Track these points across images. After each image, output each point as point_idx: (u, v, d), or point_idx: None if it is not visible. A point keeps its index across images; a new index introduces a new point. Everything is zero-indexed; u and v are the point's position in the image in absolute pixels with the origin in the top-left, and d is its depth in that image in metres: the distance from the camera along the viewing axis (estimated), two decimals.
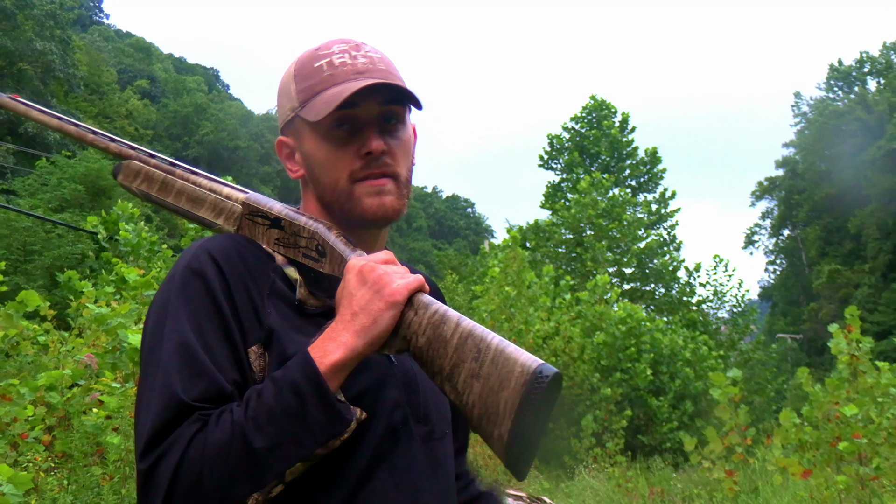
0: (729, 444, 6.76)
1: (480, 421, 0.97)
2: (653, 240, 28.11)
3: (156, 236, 10.74)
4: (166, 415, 0.99)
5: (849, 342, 6.46)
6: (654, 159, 32.12)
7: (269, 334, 1.06)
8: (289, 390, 0.98)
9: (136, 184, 1.21)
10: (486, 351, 0.98)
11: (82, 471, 4.02)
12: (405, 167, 1.17)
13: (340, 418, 0.99)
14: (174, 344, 1.03)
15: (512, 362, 0.96)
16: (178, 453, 0.96)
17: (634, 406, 17.53)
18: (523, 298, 16.53)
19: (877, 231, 41.00)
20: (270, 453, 0.96)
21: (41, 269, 19.04)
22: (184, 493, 0.96)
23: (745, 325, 26.38)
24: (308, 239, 1.12)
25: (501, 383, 0.96)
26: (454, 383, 0.99)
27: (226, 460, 0.96)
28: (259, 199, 1.16)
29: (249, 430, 0.96)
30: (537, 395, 0.94)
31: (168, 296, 1.07)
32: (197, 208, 1.18)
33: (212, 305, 1.05)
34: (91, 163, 25.05)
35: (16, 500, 3.12)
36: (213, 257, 1.08)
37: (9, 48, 34.04)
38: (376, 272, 1.03)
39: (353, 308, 1.02)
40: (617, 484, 13.19)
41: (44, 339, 5.95)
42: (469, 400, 0.98)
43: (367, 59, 1.15)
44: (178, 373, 1.00)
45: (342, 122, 1.13)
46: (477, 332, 1.00)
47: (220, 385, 1.01)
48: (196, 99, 51.49)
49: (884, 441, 5.64)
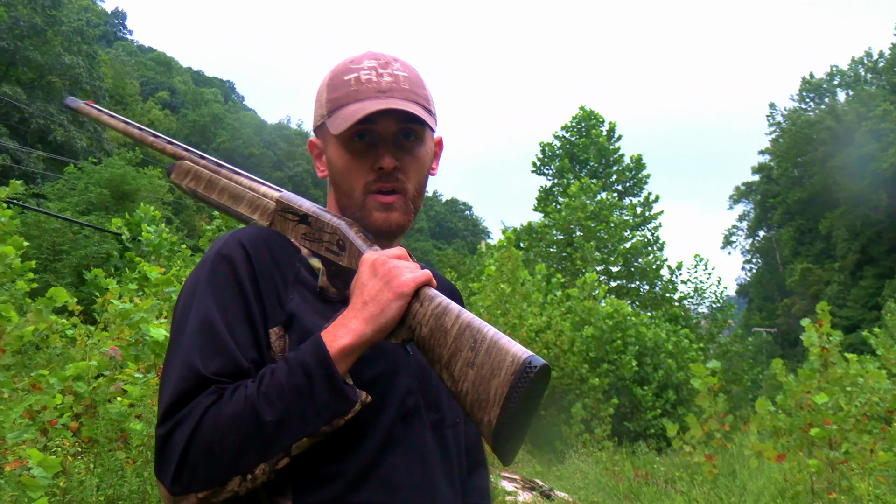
0: (708, 430, 6.77)
1: (472, 407, 0.97)
2: (638, 240, 28.13)
3: (176, 237, 10.74)
4: (185, 385, 1.00)
5: (820, 335, 6.46)
6: (639, 165, 32.14)
7: (290, 318, 1.07)
8: (299, 370, 0.99)
9: (186, 181, 1.23)
10: (481, 341, 0.98)
11: (107, 455, 4.02)
12: (415, 182, 1.17)
13: (345, 399, 0.99)
14: (198, 321, 1.04)
15: (504, 353, 0.96)
16: (194, 422, 0.97)
17: (620, 395, 17.54)
18: (517, 295, 16.53)
19: (846, 232, 41.04)
20: (278, 427, 0.97)
21: (69, 268, 19.03)
22: (196, 460, 0.97)
23: (724, 320, 26.38)
24: (331, 234, 1.13)
25: (493, 372, 0.96)
26: (451, 371, 0.99)
27: (237, 431, 0.97)
28: (290, 198, 1.18)
29: (260, 405, 0.97)
30: (525, 384, 0.94)
31: (199, 278, 1.09)
32: (236, 204, 1.20)
33: (237, 288, 1.06)
34: (115, 169, 25.06)
35: (45, 482, 3.12)
36: (243, 245, 1.10)
37: (39, 62, 34.05)
38: (387, 265, 1.04)
39: (363, 297, 1.02)
40: (604, 467, 13.19)
41: (71, 333, 5.96)
42: (463, 387, 0.98)
43: (392, 78, 1.15)
44: (200, 348, 1.02)
45: (362, 135, 1.14)
46: (475, 323, 1.00)
47: (238, 361, 1.02)
48: (213, 109, 51.50)
49: (852, 427, 5.65)
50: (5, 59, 33.71)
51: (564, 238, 26.82)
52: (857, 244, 40.32)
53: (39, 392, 4.01)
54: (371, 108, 1.09)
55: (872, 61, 46.30)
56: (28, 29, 33.46)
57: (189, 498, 0.98)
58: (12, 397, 3.92)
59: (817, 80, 48.24)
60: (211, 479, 0.97)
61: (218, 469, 0.97)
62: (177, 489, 0.97)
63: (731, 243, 51.43)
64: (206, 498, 0.98)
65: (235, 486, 0.98)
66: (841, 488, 5.06)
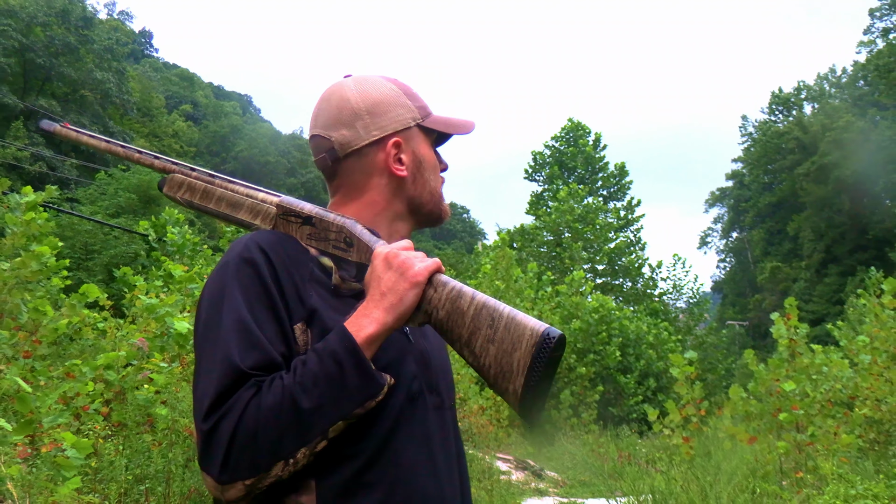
0: (686, 414, 6.77)
1: (497, 379, 0.98)
2: (621, 241, 28.12)
3: (198, 238, 10.74)
4: (226, 381, 0.99)
5: (788, 328, 6.46)
6: (623, 172, 32.11)
7: (312, 313, 1.07)
8: (330, 359, 0.99)
9: (181, 194, 1.21)
10: (499, 319, 0.99)
11: (135, 438, 4.02)
12: None
13: (375, 382, 1.00)
14: (232, 321, 1.03)
15: (522, 327, 0.98)
16: (237, 414, 0.97)
17: (605, 383, 17.55)
18: (511, 291, 16.53)
19: (811, 234, 41.07)
20: (316, 413, 0.97)
21: (100, 266, 19.02)
22: (241, 449, 0.96)
23: (700, 314, 26.39)
24: (337, 232, 1.12)
25: (514, 345, 0.97)
26: (472, 348, 1.00)
27: (277, 420, 0.97)
28: (291, 201, 1.16)
29: (297, 394, 0.97)
30: (545, 353, 0.96)
31: (224, 281, 1.07)
32: (236, 211, 1.18)
33: (262, 289, 1.06)
34: (143, 175, 25.01)
35: (78, 462, 3.12)
36: (262, 248, 1.09)
37: (73, 78, 34.03)
38: (399, 258, 1.04)
39: (381, 289, 1.03)
40: (591, 449, 13.21)
41: (102, 326, 5.95)
42: (486, 362, 0.99)
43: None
44: (237, 346, 1.01)
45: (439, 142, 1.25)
46: (490, 303, 1.01)
47: (271, 356, 1.02)
48: (232, 121, 51.42)
49: (817, 412, 5.65)
50: (41, 74, 33.69)
51: (554, 239, 26.83)
52: (821, 244, 40.35)
53: (73, 380, 4.01)
54: (471, 125, 1.23)
55: (836, 77, 46.34)
56: (62, 47, 33.47)
57: (236, 486, 0.97)
58: (48, 385, 3.92)
59: (786, 94, 48.24)
60: (256, 466, 0.97)
61: (262, 456, 0.97)
62: (225, 478, 0.97)
63: (706, 244, 51.45)
64: (253, 484, 0.98)
65: (279, 471, 0.98)
66: (807, 468, 5.06)
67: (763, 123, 48.42)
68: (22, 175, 26.03)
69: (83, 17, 35.41)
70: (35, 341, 4.31)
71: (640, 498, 6.20)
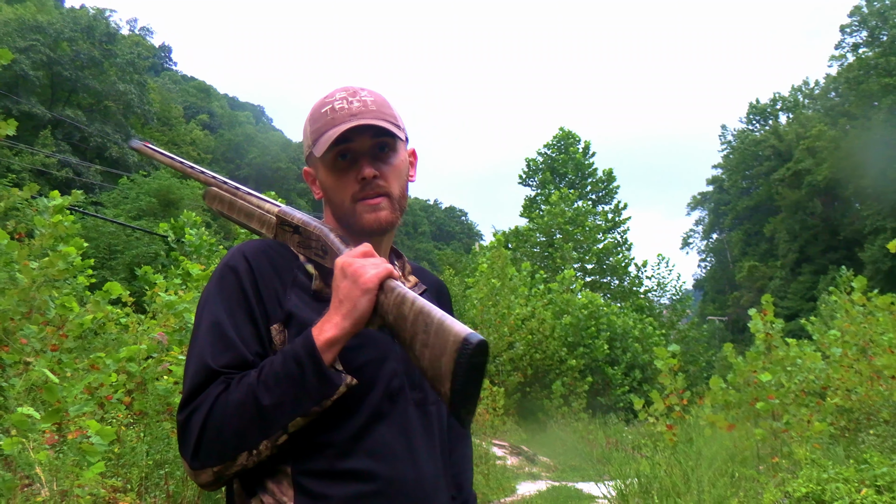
0: (669, 404, 6.77)
1: (433, 382, 0.97)
2: (609, 242, 28.12)
3: (214, 239, 10.73)
4: (199, 378, 1.03)
5: (764, 323, 6.46)
6: (610, 178, 32.10)
7: (289, 316, 1.08)
8: (292, 360, 1.00)
9: (215, 204, 1.26)
10: (431, 324, 0.96)
11: (155, 425, 4.01)
12: (398, 186, 1.17)
13: (331, 383, 1.00)
14: (208, 323, 1.06)
15: (448, 332, 0.94)
16: (207, 408, 1.00)
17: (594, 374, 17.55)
18: (506, 288, 16.52)
19: (786, 235, 41.07)
20: (275, 409, 0.99)
21: (123, 265, 19.02)
22: (210, 440, 1.00)
23: (682, 310, 26.40)
24: (316, 240, 1.13)
25: (442, 350, 0.94)
26: (414, 351, 0.99)
27: (241, 415, 0.99)
28: (286, 211, 1.18)
29: (260, 391, 0.99)
30: (464, 359, 0.92)
31: (210, 286, 1.11)
32: (249, 221, 1.21)
33: (240, 293, 1.08)
34: (163, 180, 25.03)
35: (102, 448, 3.12)
36: (246, 256, 1.11)
37: (97, 89, 34.00)
38: (353, 266, 1.02)
39: (339, 296, 1.03)
40: (580, 436, 13.21)
41: (125, 321, 5.94)
42: (424, 364, 0.97)
43: (361, 103, 1.15)
44: (211, 346, 1.04)
45: (343, 154, 1.14)
46: (425, 308, 0.98)
47: (243, 356, 1.04)
48: (246, 130, 51.41)
49: (792, 401, 5.65)
50: (68, 86, 33.66)
51: (546, 240, 26.83)
52: (796, 245, 40.36)
53: (97, 371, 4.01)
54: (345, 127, 1.10)
55: (809, 89, 46.34)
56: (87, 61, 33.44)
57: (206, 471, 1.01)
58: (74, 376, 3.91)
59: (762, 105, 48.25)
60: (223, 455, 1.00)
61: (228, 447, 0.99)
62: (196, 464, 1.01)
63: (688, 244, 51.48)
64: (220, 471, 1.01)
65: (244, 461, 1.01)
66: (782, 454, 5.06)
67: (741, 132, 48.42)
68: (50, 180, 25.99)
69: (107, 32, 35.39)
70: (62, 335, 4.31)
71: (626, 482, 6.19)
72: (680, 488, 4.87)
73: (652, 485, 5.44)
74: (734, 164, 47.33)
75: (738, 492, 4.53)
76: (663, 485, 5.20)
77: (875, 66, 35.20)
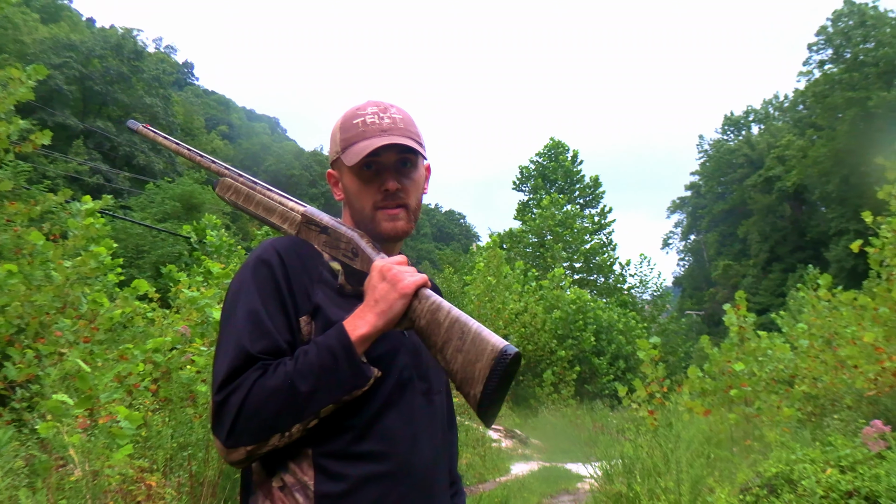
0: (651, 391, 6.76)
1: (462, 384, 0.98)
2: (595, 242, 28.11)
3: (233, 240, 10.70)
4: (237, 362, 1.01)
5: (738, 317, 6.45)
6: (596, 184, 32.08)
7: (316, 309, 1.08)
8: (327, 352, 1.00)
9: (228, 194, 1.23)
10: (467, 333, 0.99)
11: (179, 411, 4.01)
12: (415, 199, 1.18)
13: (363, 375, 1.01)
14: (246, 312, 1.05)
15: (485, 342, 0.97)
16: (245, 391, 0.99)
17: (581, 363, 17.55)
18: (501, 285, 16.52)
19: (758, 236, 41.07)
20: (310, 397, 0.99)
21: (149, 264, 19.02)
22: (246, 420, 0.98)
23: (663, 305, 26.42)
24: (346, 243, 1.13)
25: (477, 357, 0.96)
26: (444, 354, 1.00)
27: (277, 400, 0.98)
28: (313, 212, 1.17)
29: (297, 379, 0.99)
30: (501, 367, 0.95)
31: (244, 277, 1.09)
32: (269, 215, 1.19)
33: (273, 285, 1.07)
34: (186, 186, 25.04)
35: (130, 431, 3.12)
36: (278, 251, 1.10)
37: (125, 103, 33.99)
38: (392, 271, 1.04)
39: (375, 296, 1.03)
40: (569, 420, 13.21)
41: (151, 315, 5.93)
42: (454, 368, 0.99)
43: (391, 120, 1.15)
44: (248, 332, 1.03)
45: (369, 165, 1.14)
46: (462, 318, 1.00)
47: (277, 343, 1.03)
48: (262, 140, 51.42)
49: (763, 389, 5.64)
50: (98, 99, 33.65)
51: (538, 241, 26.82)
52: (766, 245, 40.36)
53: (126, 361, 4.01)
54: (377, 144, 1.10)
55: (779, 102, 46.34)
56: (117, 76, 33.44)
57: (239, 450, 1.00)
58: (105, 366, 3.91)
59: (736, 117, 48.26)
60: (257, 435, 0.99)
61: (263, 429, 0.99)
62: (230, 443, 0.99)
63: (668, 245, 51.49)
64: (253, 450, 1.00)
65: (276, 441, 1.00)
66: (754, 437, 5.06)
67: (717, 142, 48.42)
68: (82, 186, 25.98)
69: (134, 50, 35.38)
70: (93, 328, 4.30)
71: (611, 462, 6.20)
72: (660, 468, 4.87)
73: (635, 465, 5.44)
74: (710, 171, 47.32)
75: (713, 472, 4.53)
76: (645, 465, 5.20)
77: (839, 82, 35.21)
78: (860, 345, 4.85)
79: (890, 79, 33.74)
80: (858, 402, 4.55)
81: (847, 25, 35.79)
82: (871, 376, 4.43)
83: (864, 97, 33.19)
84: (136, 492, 3.09)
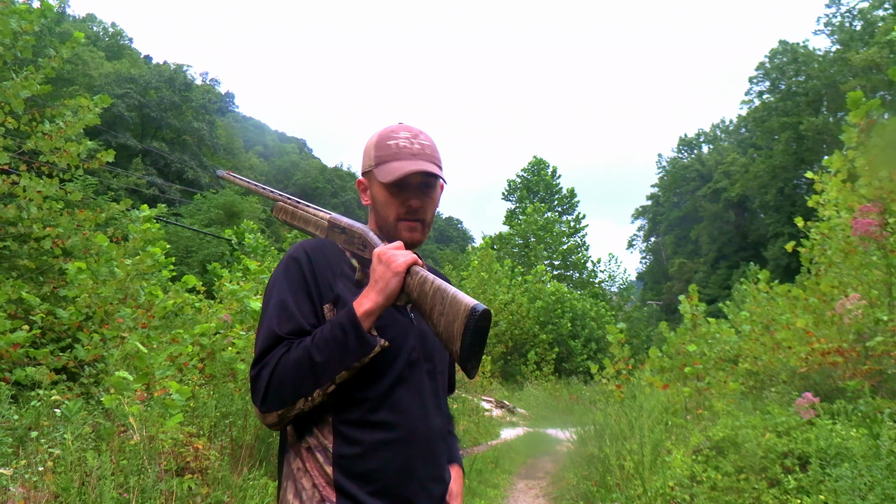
0: (618, 368, 6.76)
1: (447, 343, 0.97)
2: (571, 244, 28.12)
3: (267, 242, 10.69)
4: (267, 343, 1.03)
5: (691, 306, 6.46)
6: (572, 194, 32.11)
7: (337, 298, 1.08)
8: (338, 327, 1.01)
9: (280, 215, 1.26)
10: (446, 297, 0.97)
11: (222, 386, 4.01)
12: (430, 214, 1.18)
13: (367, 344, 1.00)
14: (277, 301, 1.07)
15: (459, 304, 0.95)
16: (273, 365, 1.01)
17: (560, 345, 17.56)
18: (492, 280, 16.53)
19: (707, 238, 41.09)
20: (325, 365, 0.99)
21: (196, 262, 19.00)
22: (275, 389, 1.00)
23: (627, 296, 26.45)
24: (358, 238, 1.14)
25: (454, 317, 0.95)
26: (432, 320, 0.99)
27: (299, 370, 0.99)
28: (336, 218, 1.18)
29: (313, 351, 1.00)
30: (472, 322, 0.93)
31: (277, 274, 1.11)
32: (307, 226, 1.22)
33: (301, 278, 1.08)
34: (227, 197, 25.01)
35: (180, 403, 3.11)
36: (306, 250, 1.11)
37: (177, 126, 34.00)
38: (387, 254, 1.04)
39: (375, 277, 1.03)
40: (549, 393, 13.20)
41: (198, 305, 5.93)
42: (440, 330, 0.98)
43: (420, 146, 1.15)
44: (278, 318, 1.04)
45: (398, 183, 1.14)
46: (442, 286, 0.99)
47: (301, 325, 1.04)
48: (292, 158, 51.32)
49: (712, 367, 5.64)
50: (154, 124, 33.65)
51: (523, 242, 26.84)
52: (715, 246, 40.38)
53: (177, 344, 4.00)
54: (409, 168, 1.10)
55: (725, 125, 46.35)
56: (169, 104, 33.43)
57: (272, 414, 1.01)
58: (159, 347, 3.91)
59: (689, 138, 48.28)
60: (284, 401, 1.00)
61: (289, 394, 1.00)
62: (264, 408, 1.01)
63: (632, 245, 51.47)
64: (283, 413, 1.02)
65: (301, 405, 1.01)
66: (705, 406, 5.05)
67: (673, 159, 48.45)
68: (140, 197, 25.95)
69: (184, 82, 35.36)
70: (150, 316, 4.30)
71: (584, 428, 6.20)
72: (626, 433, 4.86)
73: (605, 431, 5.43)
74: (667, 184, 47.35)
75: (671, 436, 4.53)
76: (613, 431, 5.20)
77: (776, 109, 35.28)
78: (793, 329, 4.85)
79: (818, 107, 33.85)
80: (792, 377, 4.55)
81: (781, 62, 35.84)
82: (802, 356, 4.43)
83: (796, 122, 33.30)
84: (185, 454, 3.09)
